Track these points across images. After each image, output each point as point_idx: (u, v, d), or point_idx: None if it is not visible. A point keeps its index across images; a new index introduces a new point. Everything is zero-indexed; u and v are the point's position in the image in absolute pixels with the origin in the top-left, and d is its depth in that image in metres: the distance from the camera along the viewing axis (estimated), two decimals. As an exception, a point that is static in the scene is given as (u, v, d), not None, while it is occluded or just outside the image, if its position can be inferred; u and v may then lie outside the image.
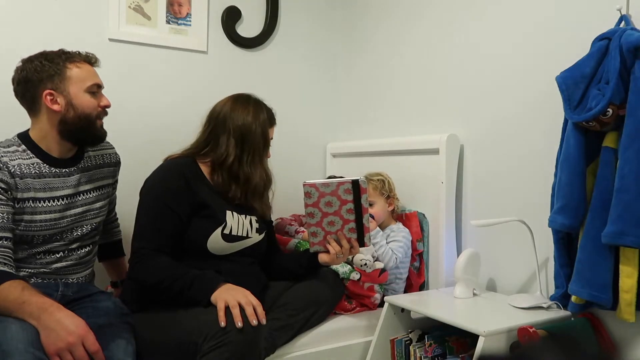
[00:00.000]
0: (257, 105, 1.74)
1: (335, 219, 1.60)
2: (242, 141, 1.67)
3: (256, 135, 1.69)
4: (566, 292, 1.55)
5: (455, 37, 2.09)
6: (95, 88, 1.57)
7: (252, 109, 1.71)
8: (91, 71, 1.58)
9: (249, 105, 1.72)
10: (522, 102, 1.84)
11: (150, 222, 1.59)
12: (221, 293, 1.45)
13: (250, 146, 1.68)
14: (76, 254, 1.61)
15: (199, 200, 1.63)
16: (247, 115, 1.69)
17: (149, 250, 1.55)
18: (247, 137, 1.68)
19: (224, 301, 1.41)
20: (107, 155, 1.73)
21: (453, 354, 1.68)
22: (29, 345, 1.25)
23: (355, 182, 1.57)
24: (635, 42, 1.37)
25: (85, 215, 1.62)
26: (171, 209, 1.58)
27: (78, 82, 1.53)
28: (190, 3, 2.31)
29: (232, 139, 1.67)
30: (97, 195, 1.67)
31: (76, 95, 1.53)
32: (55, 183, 1.55)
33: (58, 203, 1.55)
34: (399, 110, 2.37)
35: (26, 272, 1.51)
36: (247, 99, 1.74)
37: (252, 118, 1.69)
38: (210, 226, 1.63)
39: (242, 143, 1.67)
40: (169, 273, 1.52)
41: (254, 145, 1.68)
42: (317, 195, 1.58)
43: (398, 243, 2.00)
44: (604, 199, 1.44)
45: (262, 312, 1.44)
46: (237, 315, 1.39)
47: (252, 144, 1.68)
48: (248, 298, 1.44)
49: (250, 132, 1.68)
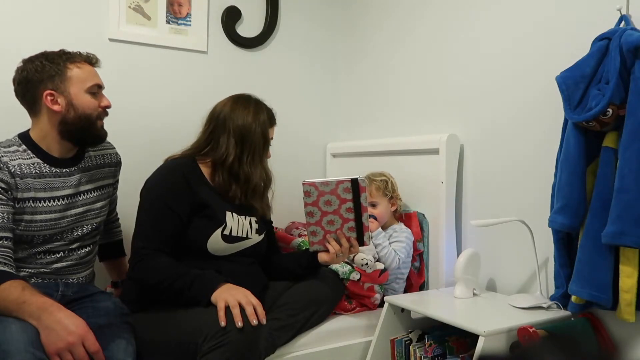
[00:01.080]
0: (258, 105, 1.74)
1: (335, 218, 1.60)
2: (242, 141, 1.67)
3: (256, 135, 1.69)
4: (566, 292, 1.55)
5: (456, 37, 2.09)
6: (95, 88, 1.57)
7: (253, 109, 1.71)
8: (92, 72, 1.58)
9: (250, 106, 1.72)
10: (522, 102, 1.84)
11: (151, 222, 1.59)
12: (221, 293, 1.45)
13: (250, 146, 1.68)
14: (76, 254, 1.61)
15: (199, 200, 1.63)
16: (247, 115, 1.69)
17: (149, 250, 1.55)
18: (247, 137, 1.68)
19: (224, 301, 1.42)
20: (107, 156, 1.73)
21: (453, 354, 1.68)
22: (29, 345, 1.25)
23: (355, 181, 1.57)
24: (635, 42, 1.37)
25: (86, 215, 1.62)
26: (172, 209, 1.58)
27: (79, 83, 1.53)
28: (190, 3, 2.31)
29: (232, 139, 1.67)
30: (98, 195, 1.67)
31: (77, 96, 1.53)
32: (55, 183, 1.55)
33: (58, 203, 1.55)
34: (399, 110, 2.37)
35: (26, 272, 1.51)
36: (247, 99, 1.74)
37: (252, 118, 1.69)
38: (210, 227, 1.63)
39: (242, 143, 1.67)
40: (169, 273, 1.52)
41: (253, 145, 1.68)
42: (317, 194, 1.58)
43: (401, 244, 2.00)
44: (604, 199, 1.44)
45: (263, 312, 1.44)
46: (237, 315, 1.39)
47: (252, 143, 1.68)
48: (248, 298, 1.44)
49: (250, 132, 1.68)
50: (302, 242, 2.02)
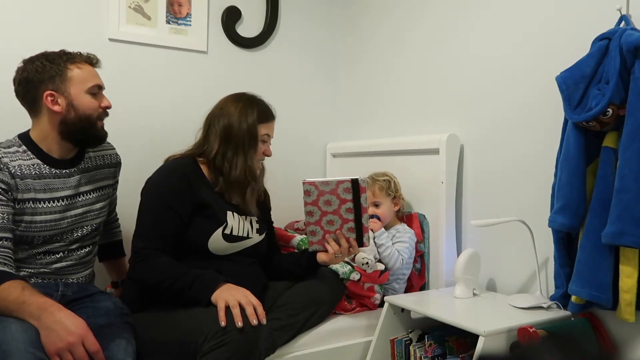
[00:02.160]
0: (248, 101, 1.73)
1: (335, 218, 1.60)
2: (227, 138, 1.68)
3: (240, 131, 1.68)
4: (566, 292, 1.55)
5: (456, 37, 2.09)
6: (96, 89, 1.57)
7: (241, 106, 1.71)
8: (92, 72, 1.58)
9: (239, 103, 1.72)
10: (522, 102, 1.84)
11: (152, 222, 1.59)
12: (221, 293, 1.45)
13: (234, 142, 1.67)
14: (76, 255, 1.61)
15: (200, 200, 1.63)
16: (234, 112, 1.69)
17: (150, 250, 1.55)
18: (231, 133, 1.68)
19: (224, 301, 1.42)
20: (107, 156, 1.73)
21: (453, 354, 1.68)
22: (29, 345, 1.25)
23: (355, 181, 1.56)
24: (635, 42, 1.37)
25: (86, 216, 1.62)
26: (173, 209, 1.59)
27: (79, 83, 1.53)
28: (190, 3, 2.31)
29: (218, 136, 1.68)
30: (98, 196, 1.66)
31: (77, 96, 1.53)
32: (55, 184, 1.55)
33: (58, 204, 1.55)
34: (399, 110, 2.37)
35: (26, 272, 1.51)
36: (240, 96, 1.75)
37: (238, 115, 1.69)
38: (211, 226, 1.63)
39: (226, 139, 1.68)
40: (170, 273, 1.52)
41: (237, 141, 1.68)
42: (317, 194, 1.58)
43: (404, 244, 2.00)
44: (604, 199, 1.44)
45: (262, 312, 1.44)
46: (237, 315, 1.39)
47: (236, 139, 1.67)
48: (248, 298, 1.44)
49: (234, 128, 1.68)
50: (302, 241, 2.02)
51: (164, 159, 1.73)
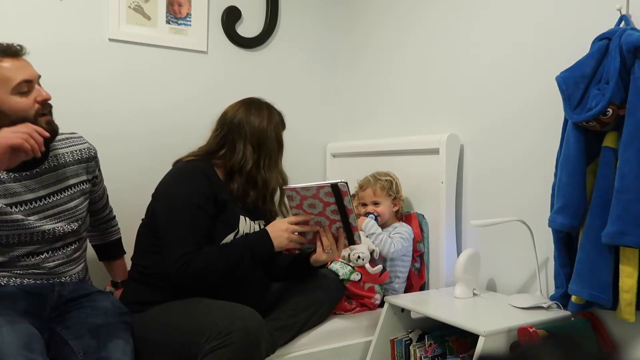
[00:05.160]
0: (270, 109, 1.74)
1: (321, 219, 1.58)
2: (259, 146, 1.67)
3: (271, 140, 1.69)
4: (566, 292, 1.55)
5: (456, 37, 2.09)
6: (24, 86, 1.40)
7: (266, 114, 1.71)
8: (15, 67, 1.39)
9: (263, 110, 1.71)
10: (522, 102, 1.84)
11: (187, 225, 1.54)
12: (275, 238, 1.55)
13: (267, 151, 1.67)
14: (62, 252, 1.57)
15: (219, 202, 1.61)
16: (262, 120, 1.68)
17: (191, 251, 1.51)
18: (264, 142, 1.67)
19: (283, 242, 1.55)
20: (77, 152, 1.62)
21: (453, 354, 1.68)
22: (21, 347, 1.24)
23: (335, 186, 1.51)
24: (635, 42, 1.37)
25: (61, 216, 1.55)
26: (203, 209, 1.56)
27: (1, 86, 1.36)
28: (190, 3, 2.31)
29: (249, 144, 1.66)
30: (70, 194, 1.58)
31: (3, 101, 1.37)
32: (15, 188, 1.47)
33: (21, 208, 1.47)
34: (399, 110, 2.37)
35: (17, 273, 1.48)
36: (259, 103, 1.74)
37: (267, 122, 1.69)
38: (224, 231, 1.61)
39: (259, 148, 1.67)
40: (221, 257, 1.52)
41: (270, 150, 1.68)
42: (299, 198, 1.54)
43: (400, 235, 2.01)
44: (604, 199, 1.44)
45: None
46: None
47: (268, 148, 1.68)
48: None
49: (266, 137, 1.68)
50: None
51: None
